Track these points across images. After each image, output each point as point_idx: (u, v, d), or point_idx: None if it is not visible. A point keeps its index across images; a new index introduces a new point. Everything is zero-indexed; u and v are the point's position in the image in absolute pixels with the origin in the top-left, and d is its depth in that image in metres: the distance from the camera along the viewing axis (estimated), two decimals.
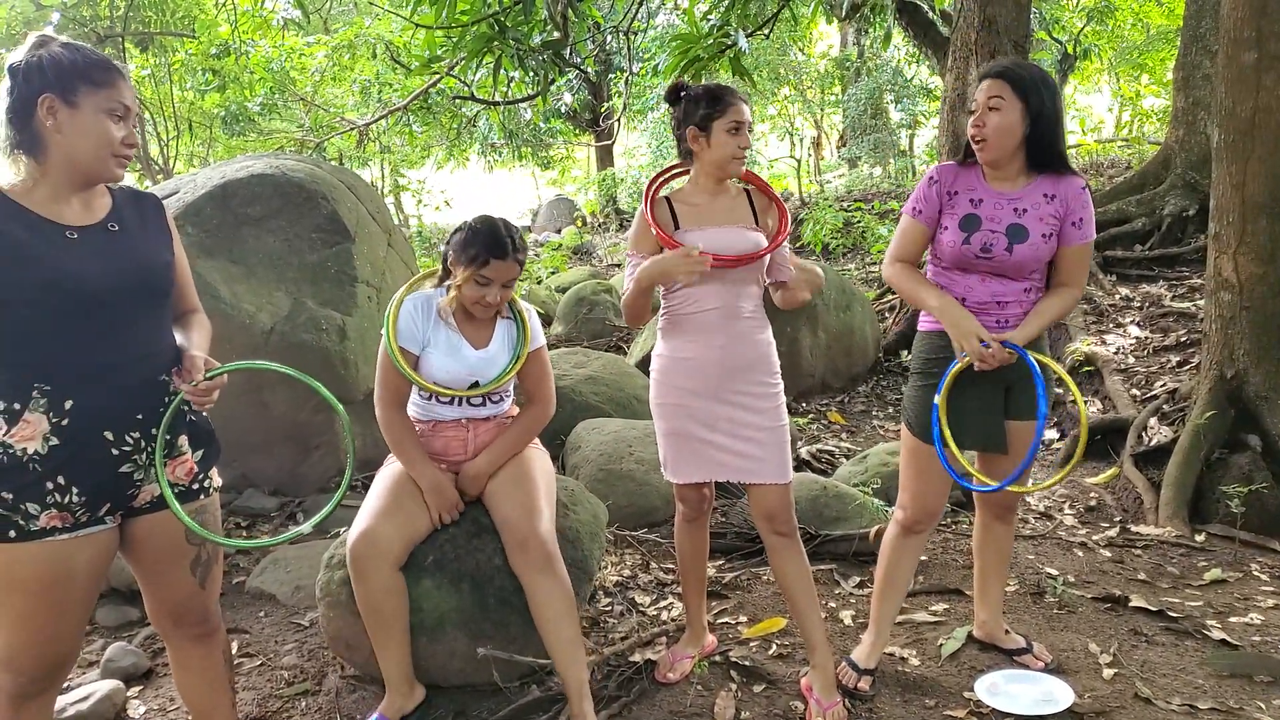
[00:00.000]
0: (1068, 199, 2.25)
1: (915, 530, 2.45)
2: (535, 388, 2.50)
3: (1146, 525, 3.62)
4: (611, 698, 2.43)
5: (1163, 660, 2.58)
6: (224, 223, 4.01)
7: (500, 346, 2.40)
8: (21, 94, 1.58)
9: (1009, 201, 2.25)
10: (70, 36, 1.72)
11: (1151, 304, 5.82)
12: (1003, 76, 2.19)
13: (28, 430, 1.61)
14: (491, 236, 2.26)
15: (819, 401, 5.71)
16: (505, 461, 2.41)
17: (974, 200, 2.27)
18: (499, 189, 21.07)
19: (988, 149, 2.22)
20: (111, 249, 1.69)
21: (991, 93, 2.19)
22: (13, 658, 1.66)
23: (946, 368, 2.27)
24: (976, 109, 2.23)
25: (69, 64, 1.59)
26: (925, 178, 2.37)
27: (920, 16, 7.73)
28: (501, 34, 4.22)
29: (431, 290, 2.44)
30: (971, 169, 2.33)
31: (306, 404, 3.92)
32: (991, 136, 2.20)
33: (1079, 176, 2.28)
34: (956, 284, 2.30)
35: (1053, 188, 2.25)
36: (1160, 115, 12.69)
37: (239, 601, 3.20)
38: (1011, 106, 2.18)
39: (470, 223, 2.32)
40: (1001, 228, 2.23)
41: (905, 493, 2.44)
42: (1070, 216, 2.25)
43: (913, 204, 2.37)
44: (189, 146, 11.67)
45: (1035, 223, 2.23)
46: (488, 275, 2.25)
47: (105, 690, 2.49)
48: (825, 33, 17.01)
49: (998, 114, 2.19)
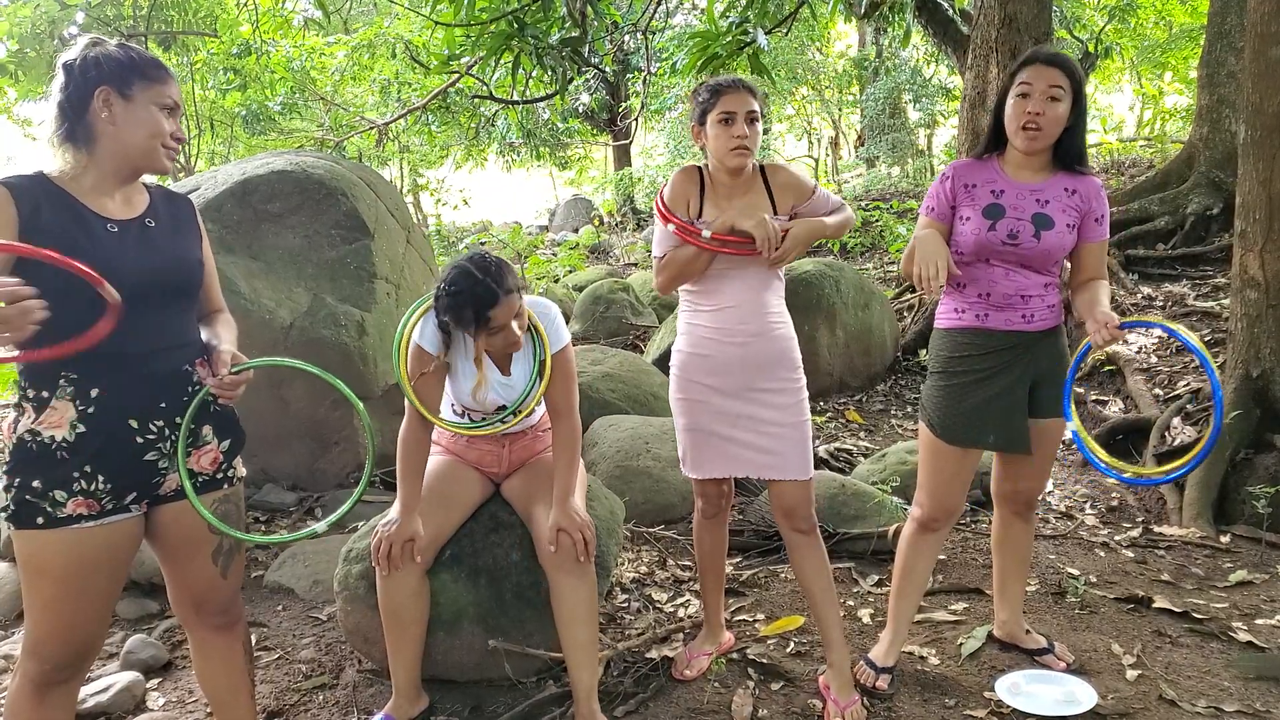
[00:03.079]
0: (1089, 195, 2.24)
1: (932, 528, 2.43)
2: (560, 398, 2.30)
3: (1170, 526, 3.58)
4: (628, 694, 2.43)
5: (1187, 662, 2.54)
6: (244, 219, 4.04)
7: (524, 369, 2.29)
8: (78, 87, 1.64)
9: (1031, 192, 2.23)
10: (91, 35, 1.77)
11: (1174, 303, 5.75)
12: (1062, 66, 2.16)
13: (55, 418, 1.64)
14: (473, 294, 2.06)
15: (837, 400, 5.69)
16: (574, 479, 2.27)
17: (995, 191, 2.25)
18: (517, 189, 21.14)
19: (1042, 138, 2.18)
20: (148, 243, 1.74)
21: (1054, 81, 2.14)
22: (39, 644, 1.68)
23: (998, 361, 2.21)
24: (1034, 95, 2.15)
25: (125, 60, 1.67)
26: (939, 176, 2.35)
27: (939, 14, 7.68)
28: (520, 31, 4.23)
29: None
30: (989, 163, 2.31)
31: (325, 400, 3.94)
32: (1048, 126, 2.16)
33: (1094, 175, 2.28)
34: (980, 279, 2.27)
35: (1073, 183, 2.25)
36: (1183, 114, 12.55)
37: (257, 595, 3.21)
38: (1066, 99, 2.16)
39: (447, 286, 2.10)
40: (1026, 216, 2.20)
41: (923, 490, 2.42)
42: (1093, 213, 2.25)
43: (926, 203, 2.36)
44: (210, 145, 11.78)
45: (1059, 213, 2.21)
46: (495, 326, 2.11)
47: (125, 681, 2.51)
48: (843, 32, 16.96)
49: (1058, 104, 2.15)
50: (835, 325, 5.73)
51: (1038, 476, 2.47)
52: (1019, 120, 2.18)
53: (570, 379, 2.32)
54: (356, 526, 2.73)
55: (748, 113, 2.18)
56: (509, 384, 2.28)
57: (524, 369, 2.29)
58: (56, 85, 1.67)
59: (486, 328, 2.10)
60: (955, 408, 2.30)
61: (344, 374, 3.75)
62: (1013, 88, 2.21)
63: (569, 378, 2.31)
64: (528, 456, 2.47)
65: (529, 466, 2.44)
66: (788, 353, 2.30)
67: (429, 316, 2.24)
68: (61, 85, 1.66)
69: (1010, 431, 2.29)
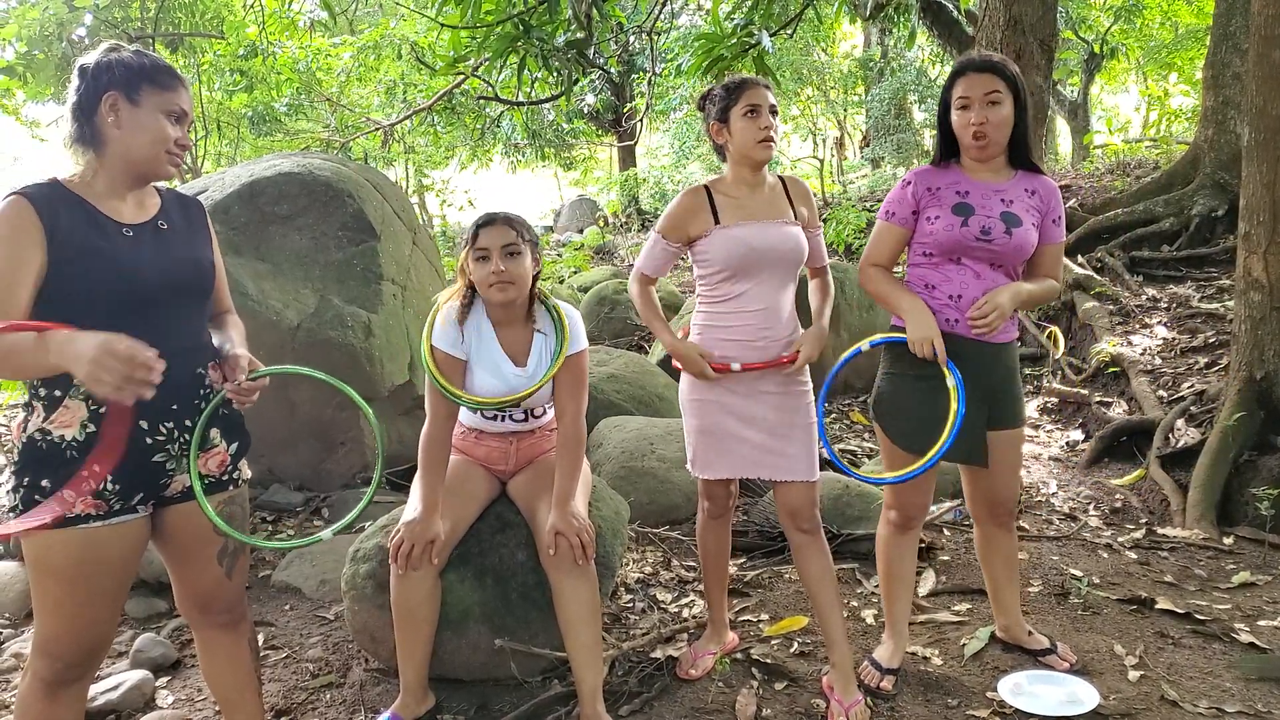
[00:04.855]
0: (1046, 196, 2.29)
1: (908, 527, 2.44)
2: (568, 401, 2.30)
3: (1173, 527, 3.58)
4: (633, 693, 2.44)
5: (1189, 663, 2.55)
6: (251, 221, 4.06)
7: (538, 363, 2.33)
8: (88, 91, 1.67)
9: (995, 192, 2.25)
10: (102, 38, 1.79)
11: (1179, 305, 5.75)
12: (994, 70, 2.18)
13: (66, 417, 1.66)
14: (481, 216, 2.26)
15: (841, 401, 5.70)
16: (574, 483, 2.28)
17: (961, 191, 2.26)
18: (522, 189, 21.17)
19: (991, 146, 2.21)
20: (161, 246, 1.76)
21: (990, 87, 2.17)
22: (49, 643, 1.70)
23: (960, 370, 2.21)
24: (973, 104, 2.18)
25: (136, 66, 1.69)
26: (900, 182, 2.36)
27: (944, 16, 7.70)
28: (526, 33, 4.24)
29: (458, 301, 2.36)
30: (950, 168, 2.31)
31: (331, 401, 3.96)
32: (993, 132, 2.19)
33: (1049, 176, 2.33)
34: (951, 279, 2.27)
35: (1032, 184, 2.29)
36: (1188, 115, 12.51)
37: (265, 595, 3.24)
38: (1006, 100, 2.18)
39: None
40: (995, 214, 2.22)
41: (889, 493, 2.44)
42: (1050, 214, 2.29)
43: (885, 208, 2.36)
44: (217, 146, 11.81)
45: (1023, 212, 2.24)
46: (483, 246, 2.18)
47: (135, 680, 2.54)
48: (848, 33, 16.96)
49: (998, 108, 2.18)
50: (839, 326, 5.74)
51: (1007, 487, 2.46)
52: (966, 131, 2.21)
53: (581, 383, 2.34)
54: (364, 527, 2.75)
55: (770, 106, 2.25)
56: (523, 375, 2.31)
57: (538, 362, 2.32)
58: (71, 88, 1.70)
59: (475, 246, 2.20)
60: (914, 414, 2.30)
61: (350, 375, 3.79)
62: (952, 100, 2.23)
63: (580, 382, 2.33)
64: (535, 455, 2.49)
65: (534, 465, 2.46)
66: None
67: (444, 315, 2.29)
68: (75, 88, 1.68)
69: (968, 442, 2.28)
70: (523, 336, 2.33)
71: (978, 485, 2.48)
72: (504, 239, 2.19)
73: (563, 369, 2.29)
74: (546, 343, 2.34)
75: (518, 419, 2.43)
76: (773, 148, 2.27)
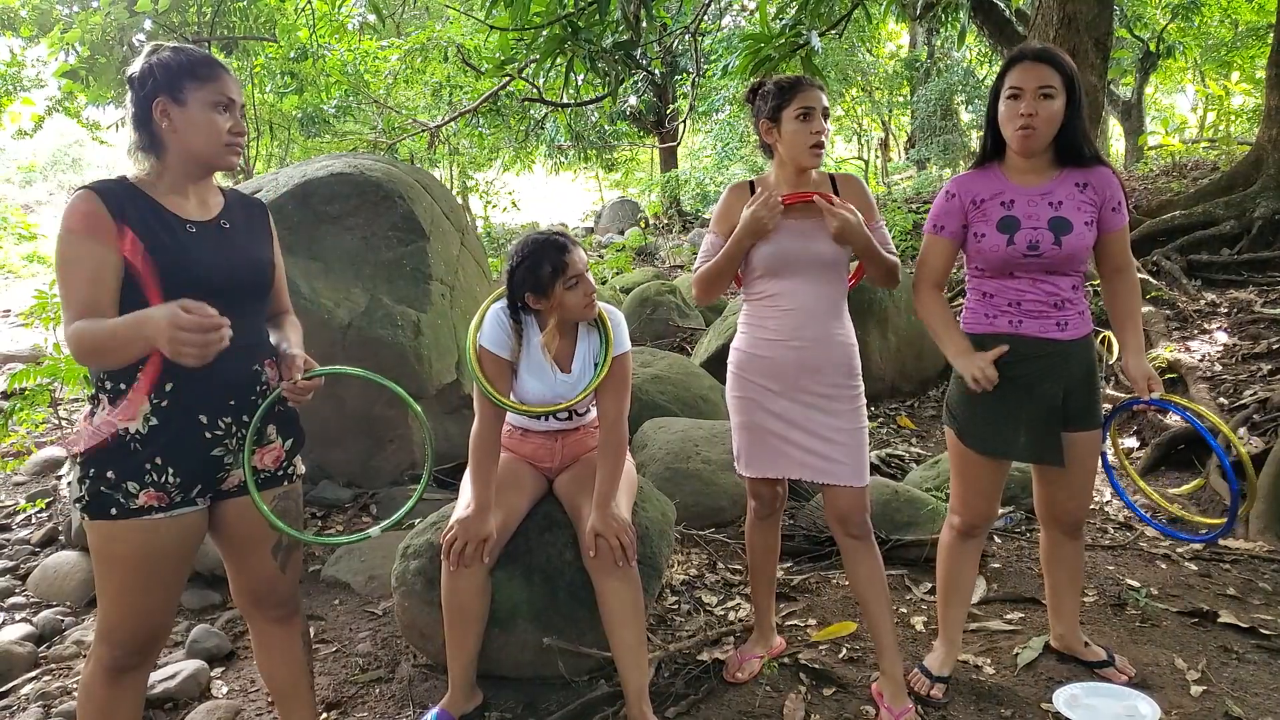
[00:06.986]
0: (1102, 185, 2.18)
1: (971, 534, 2.39)
2: (611, 404, 2.31)
3: (1236, 539, 3.48)
4: (679, 695, 2.43)
5: (1255, 679, 2.47)
6: (304, 220, 4.13)
7: (583, 368, 2.34)
8: (139, 100, 1.71)
9: (1042, 196, 2.17)
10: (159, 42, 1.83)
11: (1240, 310, 5.59)
12: (1050, 62, 2.10)
13: (130, 410, 1.70)
14: (550, 245, 2.21)
15: (888, 405, 5.63)
16: (615, 485, 2.28)
17: (1005, 203, 2.18)
18: (563, 191, 21.26)
19: (1035, 139, 2.12)
20: (224, 244, 1.79)
21: (1044, 79, 2.09)
22: (111, 631, 1.74)
23: (1031, 369, 2.18)
24: (1025, 95, 2.10)
25: (175, 65, 1.71)
26: (943, 192, 2.29)
27: (995, 14, 7.56)
28: (574, 35, 4.26)
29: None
30: (989, 172, 2.24)
31: (380, 398, 4.01)
32: (1042, 126, 2.11)
33: (1106, 164, 2.21)
34: (1007, 290, 2.22)
35: (1083, 176, 2.18)
36: (1250, 115, 12.17)
37: (314, 589, 3.28)
38: (1059, 95, 2.10)
39: (522, 253, 2.23)
40: (1043, 223, 2.14)
41: (956, 498, 2.39)
42: (1109, 202, 2.18)
43: (933, 221, 2.28)
44: (268, 148, 12.04)
45: (1074, 212, 2.15)
46: (572, 274, 2.22)
47: (191, 669, 2.59)
48: (894, 33, 16.77)
49: (1050, 102, 2.10)
50: (887, 330, 5.67)
51: (1079, 496, 2.38)
52: (1013, 123, 2.12)
53: (624, 386, 2.34)
54: (413, 524, 2.78)
55: (823, 109, 2.22)
56: (569, 381, 2.31)
57: (583, 367, 2.32)
58: (126, 99, 1.75)
59: (564, 276, 2.19)
60: (985, 415, 2.25)
61: (399, 373, 3.83)
62: (1003, 90, 2.15)
63: (623, 384, 2.34)
64: (581, 452, 2.50)
65: (579, 464, 2.47)
66: (847, 360, 2.29)
67: (492, 316, 2.29)
68: (129, 99, 1.73)
69: (1043, 441, 2.23)
70: (568, 340, 2.35)
71: (1049, 489, 2.41)
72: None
73: (610, 372, 2.30)
74: (590, 345, 2.35)
75: (561, 418, 2.44)
76: (823, 153, 2.24)
